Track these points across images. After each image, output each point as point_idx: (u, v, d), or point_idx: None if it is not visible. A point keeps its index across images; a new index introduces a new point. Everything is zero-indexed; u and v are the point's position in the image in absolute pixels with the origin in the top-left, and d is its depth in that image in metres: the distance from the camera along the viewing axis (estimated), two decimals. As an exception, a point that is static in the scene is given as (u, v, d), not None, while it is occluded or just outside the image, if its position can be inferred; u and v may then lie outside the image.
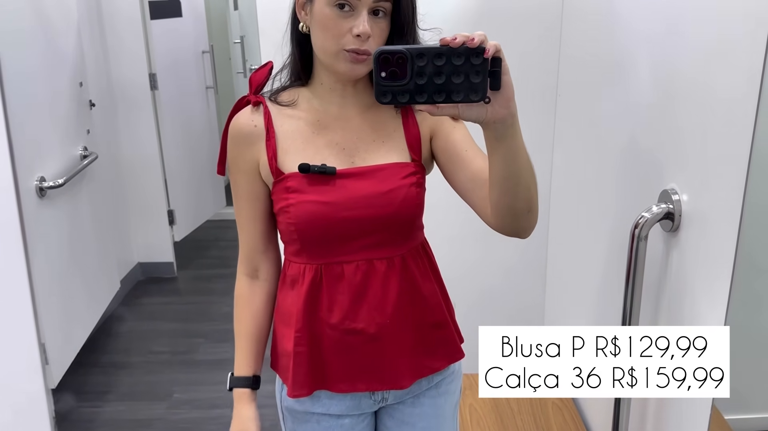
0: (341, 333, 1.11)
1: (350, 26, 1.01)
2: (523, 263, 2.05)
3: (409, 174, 1.10)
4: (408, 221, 1.11)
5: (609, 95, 1.50)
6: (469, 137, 1.11)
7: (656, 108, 1.24)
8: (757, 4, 0.88)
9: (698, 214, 1.08)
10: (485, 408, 1.85)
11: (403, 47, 0.84)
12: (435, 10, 1.27)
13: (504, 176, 0.94)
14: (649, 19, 1.27)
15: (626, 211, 1.36)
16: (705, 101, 1.05)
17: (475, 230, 2.00)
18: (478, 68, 0.82)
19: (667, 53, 1.18)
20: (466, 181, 1.08)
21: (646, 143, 1.30)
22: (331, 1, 1.00)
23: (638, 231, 1.16)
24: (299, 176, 1.07)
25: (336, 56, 1.03)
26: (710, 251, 1.04)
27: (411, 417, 1.22)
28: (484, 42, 0.81)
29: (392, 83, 0.84)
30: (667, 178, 1.18)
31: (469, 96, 0.84)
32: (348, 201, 1.07)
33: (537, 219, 1.02)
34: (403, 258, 1.11)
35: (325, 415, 1.18)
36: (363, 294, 1.10)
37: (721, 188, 1.00)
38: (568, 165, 1.85)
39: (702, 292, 1.07)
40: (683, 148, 1.13)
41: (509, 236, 1.05)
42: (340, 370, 1.14)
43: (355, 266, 1.10)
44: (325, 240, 1.09)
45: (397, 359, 1.14)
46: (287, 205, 1.08)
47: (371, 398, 1.19)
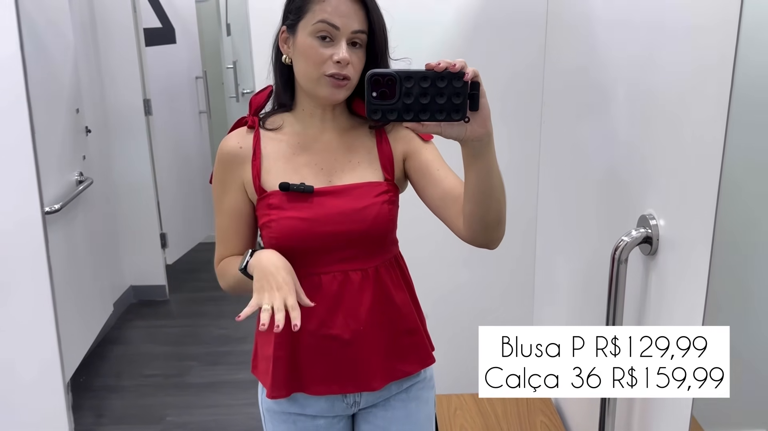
0: (318, 339, 1.19)
1: (331, 53, 1.11)
2: (513, 283, 2.12)
3: (382, 192, 1.19)
4: (381, 235, 1.20)
5: (590, 125, 1.57)
6: (440, 158, 1.20)
7: (634, 137, 1.31)
8: (724, 36, 0.95)
9: (674, 238, 1.14)
10: (476, 428, 1.89)
11: (393, 70, 0.93)
12: (418, 44, 1.34)
13: (478, 190, 1.03)
14: (628, 54, 1.34)
15: (608, 234, 1.42)
16: (678, 132, 1.12)
17: (467, 254, 2.07)
18: (459, 90, 0.92)
19: (643, 87, 1.26)
20: (437, 198, 1.17)
21: (625, 170, 1.36)
22: (314, 32, 1.11)
23: (618, 255, 1.22)
24: (280, 194, 1.16)
25: (318, 81, 1.13)
26: (686, 273, 1.10)
27: (384, 421, 1.29)
28: (465, 67, 0.91)
29: (382, 102, 0.93)
30: (645, 204, 1.24)
31: (451, 115, 0.93)
32: (325, 217, 1.16)
33: (504, 231, 1.12)
34: (377, 270, 1.20)
35: (301, 415, 1.25)
36: (339, 303, 1.18)
37: (694, 214, 1.06)
38: (553, 190, 1.92)
39: (679, 313, 1.13)
40: (659, 176, 1.19)
41: (480, 247, 1.14)
42: (316, 373, 1.21)
43: (331, 277, 1.18)
44: (303, 253, 1.16)
45: (370, 363, 1.21)
46: (269, 220, 1.16)
47: (344, 401, 1.26)
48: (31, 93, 2.39)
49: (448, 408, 1.96)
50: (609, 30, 1.45)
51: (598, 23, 1.51)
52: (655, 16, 1.20)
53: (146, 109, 3.60)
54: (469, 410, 1.95)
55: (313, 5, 1.11)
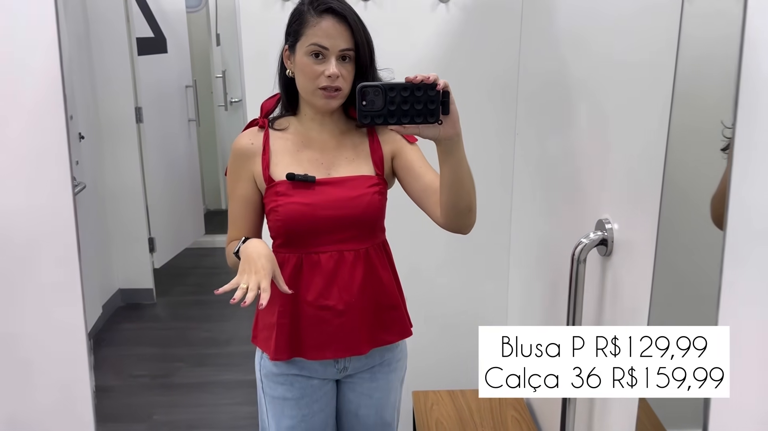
0: (316, 309, 1.37)
1: (323, 70, 1.30)
2: (489, 283, 2.26)
3: (373, 184, 1.38)
4: (371, 221, 1.39)
5: (557, 138, 1.71)
6: (422, 158, 1.40)
7: (593, 149, 1.44)
8: (662, 68, 1.09)
9: (625, 240, 1.27)
10: (451, 421, 2.00)
11: (379, 83, 1.15)
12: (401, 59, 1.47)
13: (451, 181, 1.23)
14: (587, 75, 1.48)
15: (572, 237, 1.55)
16: (628, 145, 1.25)
17: (444, 259, 2.19)
18: (433, 98, 1.12)
19: (600, 105, 1.39)
20: (419, 191, 1.36)
21: (585, 178, 1.50)
22: (308, 52, 1.30)
23: (577, 255, 1.35)
24: (286, 183, 1.35)
25: (313, 93, 1.32)
26: (635, 273, 1.23)
27: (369, 390, 1.50)
28: (437, 79, 1.11)
29: (371, 109, 1.13)
30: (601, 210, 1.37)
31: (427, 119, 1.13)
32: (324, 203, 1.34)
33: (475, 219, 1.31)
34: (367, 251, 1.39)
35: (298, 376, 1.42)
36: (334, 278, 1.37)
37: (640, 218, 1.20)
38: (525, 196, 2.05)
39: (630, 308, 1.26)
40: (613, 184, 1.33)
41: (454, 232, 1.33)
42: (313, 340, 1.39)
43: (328, 255, 1.36)
44: (305, 234, 1.35)
45: (359, 330, 1.40)
46: (276, 205, 1.35)
47: (335, 366, 1.45)
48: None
49: (425, 403, 2.07)
50: (573, 53, 1.59)
51: (564, 47, 1.65)
52: (606, 49, 1.34)
53: (138, 116, 3.70)
54: (445, 405, 2.06)
55: (307, 29, 1.30)
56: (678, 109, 1.06)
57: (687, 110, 1.08)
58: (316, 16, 1.29)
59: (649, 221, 1.15)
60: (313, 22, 1.29)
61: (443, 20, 2.03)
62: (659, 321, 1.16)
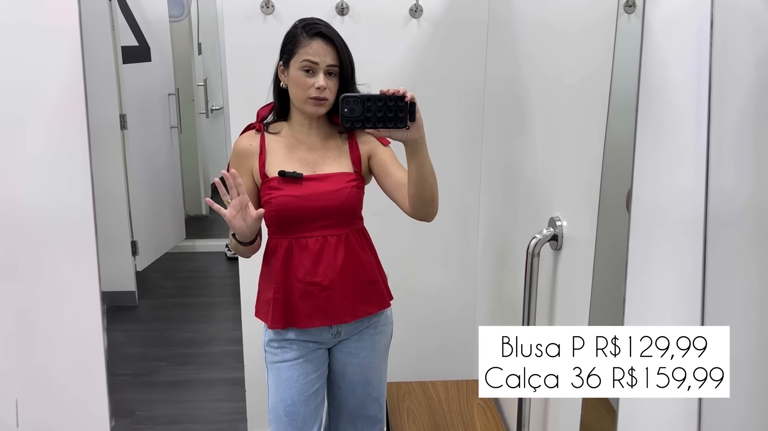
0: (305, 285, 1.60)
1: (313, 82, 1.53)
2: (459, 278, 2.41)
3: (351, 180, 1.60)
4: (350, 210, 1.61)
5: (516, 143, 1.86)
6: (394, 157, 1.63)
7: (546, 153, 1.60)
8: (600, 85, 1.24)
9: (572, 236, 1.42)
10: (421, 410, 2.13)
11: (358, 94, 1.38)
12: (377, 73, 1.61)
13: (417, 176, 1.47)
14: (541, 88, 1.63)
15: (529, 232, 1.69)
16: (577, 153, 1.40)
17: (418, 257, 2.32)
18: (402, 107, 1.36)
19: (551, 115, 1.55)
20: (391, 185, 1.60)
21: (541, 179, 1.65)
22: (301, 67, 1.53)
23: (532, 249, 1.49)
24: (278, 179, 1.58)
25: (305, 102, 1.55)
26: (579, 267, 1.38)
27: (356, 350, 1.70)
28: (406, 92, 1.36)
29: (351, 116, 1.38)
30: (553, 208, 1.52)
31: (397, 124, 1.37)
32: (311, 195, 1.57)
33: (437, 209, 1.54)
34: (347, 236, 1.61)
35: (297, 341, 1.65)
36: (320, 258, 1.59)
37: (583, 216, 1.34)
38: (490, 196, 2.20)
39: (577, 297, 1.40)
40: (562, 185, 1.48)
41: (420, 220, 1.56)
42: (304, 311, 1.62)
43: (314, 239, 1.59)
44: (295, 221, 1.58)
45: (342, 303, 1.62)
46: (270, 197, 1.58)
47: (329, 332, 1.66)
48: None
49: (397, 394, 2.20)
50: (529, 66, 1.74)
51: (522, 60, 1.80)
52: (555, 64, 1.49)
53: (122, 123, 3.78)
54: (416, 395, 2.20)
55: (300, 48, 1.53)
56: (613, 120, 1.21)
57: (622, 121, 1.22)
58: (308, 38, 1.52)
59: (590, 219, 1.30)
60: (305, 43, 1.52)
61: (415, 34, 2.17)
62: (600, 312, 1.29)
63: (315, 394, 1.67)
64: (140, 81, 3.96)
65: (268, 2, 2.11)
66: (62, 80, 1.69)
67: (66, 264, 1.84)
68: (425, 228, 1.82)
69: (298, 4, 2.08)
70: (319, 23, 1.55)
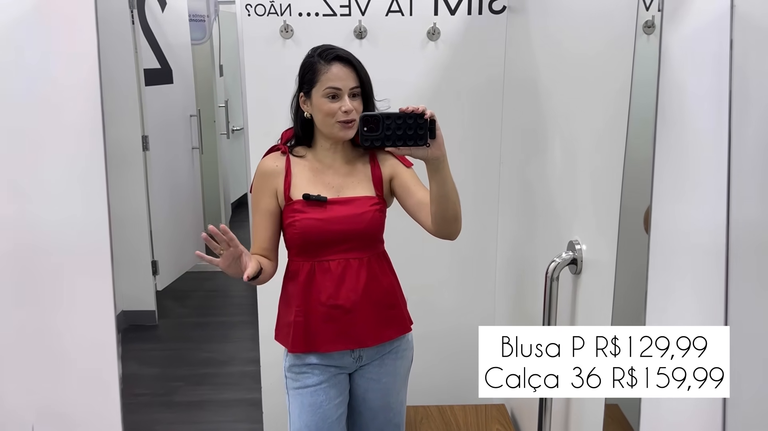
0: (327, 308, 1.59)
1: (339, 106, 1.53)
2: (479, 300, 2.38)
3: (374, 203, 1.61)
4: (373, 234, 1.61)
5: (535, 167, 1.85)
6: (416, 178, 1.62)
7: (565, 178, 1.58)
8: (620, 109, 1.22)
9: (592, 260, 1.40)
10: (439, 434, 2.10)
11: (378, 113, 1.37)
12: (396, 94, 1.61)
13: (439, 195, 1.46)
14: (560, 113, 1.62)
15: (547, 255, 1.67)
16: (593, 176, 1.39)
17: (442, 278, 2.30)
18: (422, 125, 1.34)
19: (571, 141, 1.53)
20: (414, 205, 1.59)
21: (559, 204, 1.63)
22: (325, 94, 1.54)
23: (551, 274, 1.47)
24: (303, 202, 1.58)
25: (333, 126, 1.55)
26: (598, 290, 1.35)
27: (377, 375, 1.68)
28: (425, 110, 1.35)
29: (371, 134, 1.36)
30: (573, 232, 1.50)
31: (417, 142, 1.35)
32: (334, 219, 1.57)
33: (461, 227, 1.53)
34: (369, 259, 1.61)
35: (319, 365, 1.64)
36: (342, 281, 1.58)
37: (603, 240, 1.32)
38: (508, 219, 2.18)
39: (598, 323, 1.37)
40: (582, 209, 1.46)
41: (444, 238, 1.54)
42: (326, 335, 1.60)
43: (337, 262, 1.58)
44: (318, 245, 1.58)
45: (365, 327, 1.61)
46: (294, 220, 1.59)
47: (351, 356, 1.64)
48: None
49: (415, 418, 2.17)
50: (549, 90, 1.73)
51: (541, 85, 1.80)
52: (573, 93, 1.48)
53: (144, 144, 3.84)
54: (434, 419, 2.17)
55: (320, 76, 1.53)
56: (632, 144, 1.20)
57: (641, 144, 1.21)
58: (326, 64, 1.53)
59: (609, 243, 1.28)
60: (325, 70, 1.53)
61: (432, 56, 2.18)
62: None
63: (338, 420, 1.65)
64: (162, 103, 4.02)
65: (287, 27, 2.13)
66: (80, 106, 1.72)
67: (81, 289, 1.85)
68: (442, 251, 1.81)
69: (316, 28, 2.10)
70: (333, 47, 1.56)
